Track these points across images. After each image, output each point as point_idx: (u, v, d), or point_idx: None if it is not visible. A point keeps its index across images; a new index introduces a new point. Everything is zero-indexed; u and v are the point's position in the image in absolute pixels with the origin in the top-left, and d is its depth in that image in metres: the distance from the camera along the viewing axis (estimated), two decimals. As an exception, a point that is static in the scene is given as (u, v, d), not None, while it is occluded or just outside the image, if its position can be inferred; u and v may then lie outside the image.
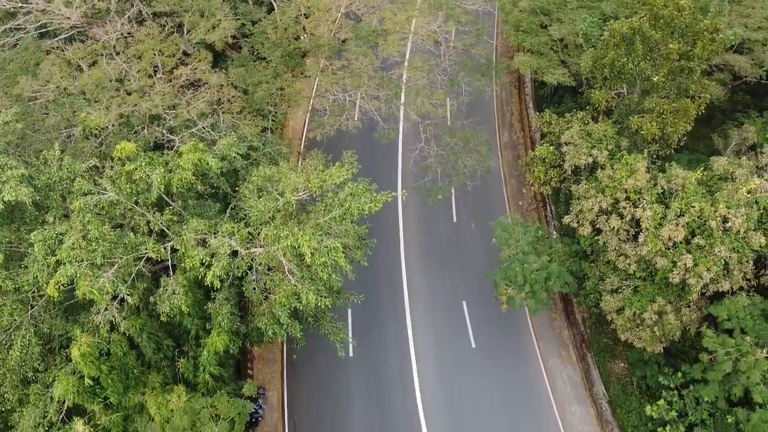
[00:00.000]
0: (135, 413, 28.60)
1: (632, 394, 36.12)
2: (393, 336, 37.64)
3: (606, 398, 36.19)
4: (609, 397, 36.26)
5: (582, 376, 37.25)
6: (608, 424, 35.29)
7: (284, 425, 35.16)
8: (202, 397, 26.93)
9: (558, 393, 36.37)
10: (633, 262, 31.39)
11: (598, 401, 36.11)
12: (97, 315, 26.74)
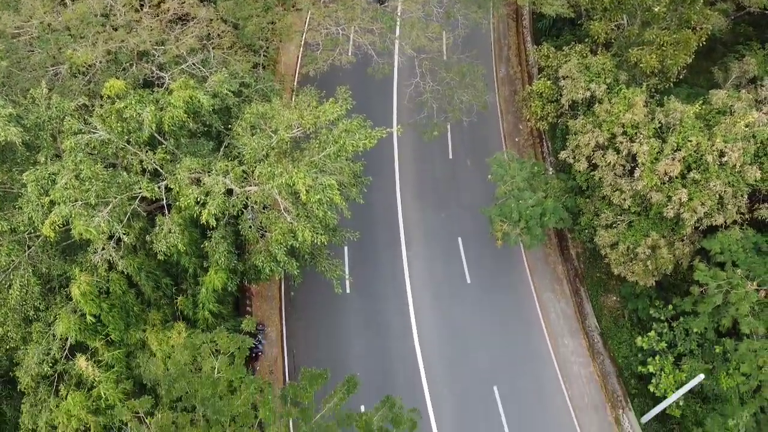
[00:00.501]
0: (137, 349, 29.17)
1: (623, 326, 36.95)
2: (389, 272, 38.08)
3: (598, 330, 37.04)
4: (601, 329, 37.10)
5: (575, 310, 37.99)
6: (599, 356, 36.26)
7: (284, 359, 36.01)
8: (201, 333, 27.40)
9: (551, 326, 37.17)
10: (628, 197, 31.45)
11: (590, 333, 36.97)
12: (95, 254, 26.84)
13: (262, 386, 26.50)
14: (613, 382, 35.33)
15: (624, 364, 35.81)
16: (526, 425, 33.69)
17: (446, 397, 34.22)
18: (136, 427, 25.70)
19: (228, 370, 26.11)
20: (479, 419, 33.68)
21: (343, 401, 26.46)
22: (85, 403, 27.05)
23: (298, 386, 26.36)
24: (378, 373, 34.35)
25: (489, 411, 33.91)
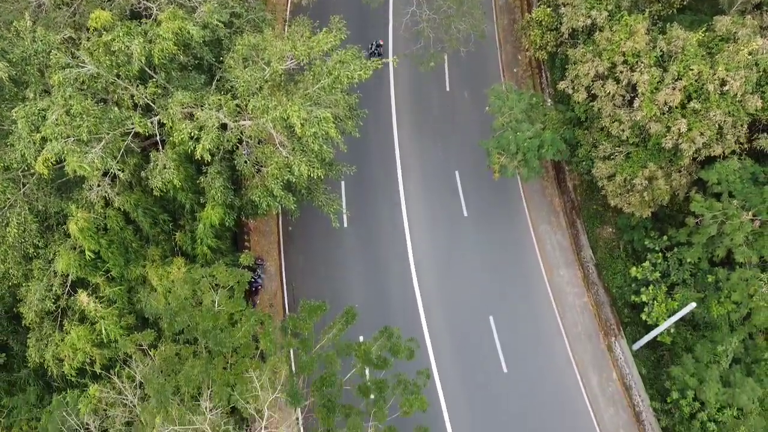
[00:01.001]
0: (138, 285, 29.54)
1: (618, 257, 37.40)
2: (386, 206, 38.15)
3: (593, 261, 37.50)
4: (596, 260, 37.56)
5: (571, 242, 38.33)
6: (594, 286, 36.87)
7: (283, 293, 36.57)
8: (201, 268, 27.68)
9: (547, 257, 37.60)
10: (627, 127, 31.15)
11: (585, 264, 37.45)
12: (90, 191, 26.75)
13: (262, 318, 27.02)
14: (606, 312, 36.09)
15: (618, 294, 36.47)
16: (521, 353, 34.62)
17: (443, 327, 34.99)
18: (140, 359, 26.35)
19: (228, 303, 26.53)
20: (475, 348, 34.57)
21: (342, 332, 27.04)
22: (89, 336, 27.62)
23: (297, 318, 26.87)
24: (376, 305, 34.97)
25: (484, 340, 34.77)
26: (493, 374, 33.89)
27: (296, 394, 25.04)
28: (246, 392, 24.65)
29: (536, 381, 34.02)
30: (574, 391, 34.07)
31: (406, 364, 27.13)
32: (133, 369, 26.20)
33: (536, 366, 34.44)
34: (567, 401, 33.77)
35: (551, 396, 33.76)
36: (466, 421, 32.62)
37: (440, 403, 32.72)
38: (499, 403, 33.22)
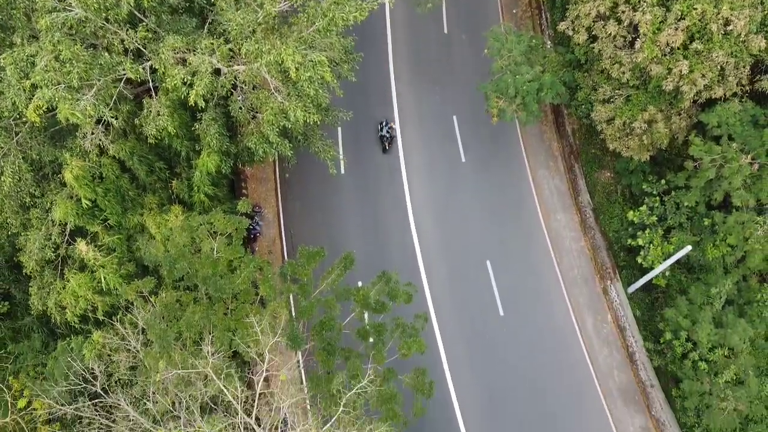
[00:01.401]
0: (136, 233, 29.62)
1: (616, 201, 37.46)
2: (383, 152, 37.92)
3: (591, 206, 37.58)
4: (593, 204, 37.63)
5: (568, 186, 38.31)
6: (591, 230, 37.07)
7: (282, 239, 36.75)
8: (198, 216, 27.69)
9: (544, 202, 37.66)
10: (627, 70, 30.63)
11: (583, 209, 37.55)
12: (84, 139, 26.47)
13: (261, 265, 27.21)
14: (602, 255, 36.41)
15: (614, 237, 36.70)
16: (517, 297, 35.11)
17: (440, 272, 35.35)
18: (141, 306, 26.67)
19: (226, 250, 26.66)
20: (472, 292, 35.02)
21: (341, 277, 27.29)
22: (89, 284, 27.88)
23: (296, 264, 27.06)
24: (374, 251, 35.22)
25: (481, 284, 35.18)
26: (490, 317, 34.45)
27: (296, 338, 25.48)
28: (247, 337, 25.07)
29: (532, 324, 34.62)
30: (569, 333, 34.73)
31: (405, 308, 27.52)
32: (134, 315, 26.55)
33: (532, 309, 34.98)
34: (562, 343, 34.47)
35: (547, 338, 34.42)
36: (463, 362, 33.36)
37: (438, 345, 33.38)
38: (495, 344, 33.90)
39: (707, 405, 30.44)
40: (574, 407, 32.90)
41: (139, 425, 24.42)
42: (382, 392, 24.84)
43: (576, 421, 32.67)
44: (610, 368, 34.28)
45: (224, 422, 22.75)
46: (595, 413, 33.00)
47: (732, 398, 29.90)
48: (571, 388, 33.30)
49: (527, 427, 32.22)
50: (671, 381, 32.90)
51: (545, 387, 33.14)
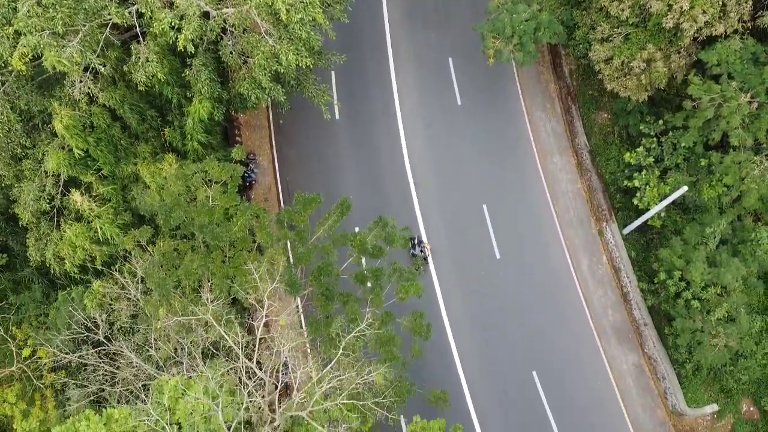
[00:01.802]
0: (130, 183, 29.44)
1: (613, 143, 37.23)
2: (378, 96, 37.36)
3: (587, 148, 37.36)
4: (590, 146, 37.41)
5: (565, 128, 37.99)
6: (587, 172, 36.98)
7: (277, 187, 36.62)
8: (192, 164, 27.47)
9: (541, 144, 37.41)
10: (627, 7, 29.88)
11: (580, 151, 37.35)
12: (72, 88, 25.95)
13: (257, 212, 27.20)
14: (599, 197, 36.45)
15: (611, 179, 36.66)
16: (514, 240, 35.31)
17: (437, 216, 35.43)
18: (139, 255, 26.77)
19: (222, 198, 26.57)
20: (469, 236, 35.18)
21: (338, 223, 27.35)
22: (86, 234, 27.88)
23: (292, 210, 27.05)
24: (370, 196, 35.19)
25: (478, 226, 35.32)
26: (486, 260, 34.75)
27: (295, 284, 25.72)
28: (245, 283, 25.29)
29: (528, 266, 34.96)
30: (564, 275, 35.13)
31: (402, 252, 27.68)
32: (133, 265, 26.68)
33: (528, 252, 35.25)
34: (557, 284, 34.91)
35: (542, 280, 34.83)
36: (460, 305, 33.85)
37: (435, 288, 33.77)
38: (492, 287, 34.31)
39: (698, 342, 31.11)
40: (570, 346, 33.57)
41: (143, 371, 24.91)
42: (381, 335, 25.27)
43: (571, 359, 33.41)
44: (605, 308, 34.85)
45: (226, 367, 23.21)
46: (589, 351, 33.73)
47: (723, 335, 30.53)
48: (565, 328, 33.93)
49: (523, 366, 32.97)
50: (664, 320, 33.52)
51: (541, 327, 33.74)
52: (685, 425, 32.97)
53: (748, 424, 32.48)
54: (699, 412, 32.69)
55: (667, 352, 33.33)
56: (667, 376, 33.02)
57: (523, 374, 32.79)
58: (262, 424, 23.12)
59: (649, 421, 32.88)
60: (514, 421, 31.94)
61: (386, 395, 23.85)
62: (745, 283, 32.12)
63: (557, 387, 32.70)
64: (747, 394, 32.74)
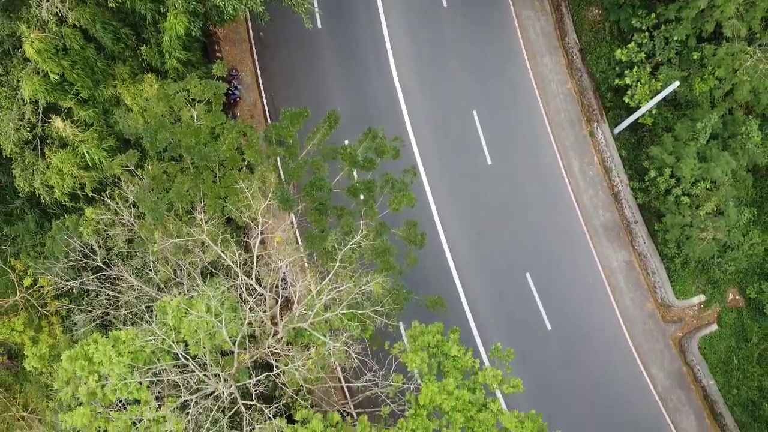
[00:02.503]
0: (112, 106, 28.70)
1: (604, 40, 36.29)
2: (361, 1, 35.87)
3: (577, 46, 36.45)
4: (580, 45, 36.48)
5: (555, 27, 36.88)
6: (578, 72, 36.28)
7: (263, 102, 35.86)
8: (173, 83, 26.68)
9: (530, 45, 36.45)
10: None
11: (570, 50, 36.46)
12: (39, 8, 24.71)
13: (244, 129, 26.74)
14: (589, 97, 35.97)
15: (601, 78, 36.03)
16: (505, 145, 35.12)
17: (426, 124, 35.02)
18: (129, 180, 26.53)
19: (207, 117, 26.04)
20: (459, 143, 34.94)
21: (327, 136, 26.99)
22: (73, 160, 27.49)
23: (280, 126, 26.59)
24: (358, 107, 34.59)
25: (468, 134, 35.02)
26: (478, 167, 34.72)
27: (287, 200, 25.69)
28: (238, 202, 25.26)
29: (519, 170, 34.99)
30: (556, 177, 35.26)
31: (393, 163, 27.54)
32: (124, 190, 26.50)
33: (520, 156, 35.18)
34: (549, 187, 35.10)
35: (534, 183, 34.97)
36: (453, 213, 34.15)
37: (428, 198, 33.94)
38: (484, 193, 34.49)
39: (687, 236, 31.75)
40: (562, 246, 34.21)
41: (145, 293, 25.33)
42: (376, 246, 25.57)
43: (563, 258, 34.15)
44: (596, 207, 35.26)
45: (226, 285, 23.60)
46: (580, 250, 34.44)
47: (711, 228, 31.13)
48: (557, 229, 34.45)
49: (517, 268, 33.74)
50: (654, 217, 34.03)
51: (534, 229, 34.24)
52: (673, 316, 34.27)
53: (733, 312, 33.79)
54: (687, 303, 33.89)
55: (657, 248, 34.09)
56: (656, 270, 33.94)
57: (516, 276, 33.63)
58: (266, 337, 23.82)
59: (638, 314, 34.13)
60: (508, 321, 33.07)
61: (384, 304, 24.46)
62: (734, 176, 32.38)
63: (550, 286, 33.63)
64: (733, 284, 33.83)
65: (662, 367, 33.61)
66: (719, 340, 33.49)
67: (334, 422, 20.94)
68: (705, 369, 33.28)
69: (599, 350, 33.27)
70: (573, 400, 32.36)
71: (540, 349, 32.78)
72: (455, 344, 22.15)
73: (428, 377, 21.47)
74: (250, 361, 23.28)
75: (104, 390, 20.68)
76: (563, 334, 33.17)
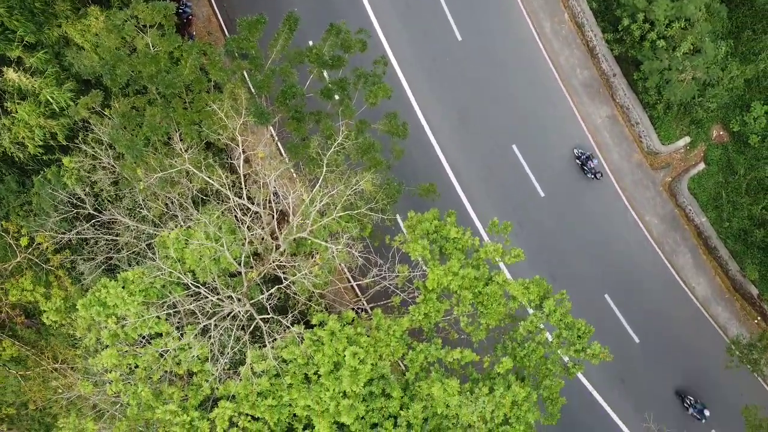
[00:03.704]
0: (62, 48, 27.40)
1: None
2: None
3: None
4: None
5: None
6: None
7: (217, 16, 34.28)
8: (119, 11, 25.32)
9: None
10: None
11: None
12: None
13: (203, 48, 25.74)
14: (552, -49, 34.37)
15: (562, -72, 34.23)
16: (472, 17, 33.96)
17: (391, 10, 33.70)
18: (99, 122, 25.85)
19: (162, 42, 24.97)
20: (426, 20, 33.77)
21: (289, 40, 26.03)
22: (38, 110, 26.62)
23: (239, 38, 25.57)
24: (316, 4, 33.07)
25: (433, 10, 33.76)
26: (449, 44, 33.78)
27: (262, 113, 25.21)
28: (213, 125, 24.81)
29: (491, 41, 34.08)
30: (529, 43, 34.41)
31: (362, 56, 26.77)
32: (96, 133, 25.89)
33: (489, 26, 34.13)
34: (524, 54, 34.34)
35: (507, 51, 34.19)
36: (431, 97, 33.64)
37: (403, 86, 33.29)
38: (460, 71, 33.79)
39: (667, 80, 31.51)
40: (544, 110, 33.91)
41: (142, 231, 25.46)
42: (360, 144, 25.41)
43: (546, 124, 34.03)
44: (573, 67, 34.70)
45: (219, 209, 23.68)
46: (563, 111, 34.26)
47: (690, 68, 30.83)
48: (537, 95, 34.07)
49: (501, 139, 33.73)
50: (632, 66, 33.54)
51: (515, 100, 33.90)
52: (660, 162, 34.74)
53: (718, 148, 34.19)
54: (672, 147, 34.24)
55: (638, 98, 33.93)
56: (639, 120, 33.99)
57: (503, 149, 33.70)
58: (269, 252, 24.24)
59: (627, 166, 34.58)
60: (501, 194, 33.55)
61: (378, 199, 24.67)
62: (708, 10, 31.62)
63: (536, 154, 33.80)
64: (716, 120, 33.98)
65: (655, 213, 34.54)
66: (707, 178, 34.18)
67: (349, 319, 21.78)
68: (696, 207, 34.21)
69: (593, 207, 34.02)
70: (572, 258, 33.52)
71: (536, 216, 33.51)
72: (453, 227, 22.60)
73: (432, 262, 22.08)
74: (258, 278, 23.85)
75: (125, 329, 21.32)
76: (556, 199, 33.76)
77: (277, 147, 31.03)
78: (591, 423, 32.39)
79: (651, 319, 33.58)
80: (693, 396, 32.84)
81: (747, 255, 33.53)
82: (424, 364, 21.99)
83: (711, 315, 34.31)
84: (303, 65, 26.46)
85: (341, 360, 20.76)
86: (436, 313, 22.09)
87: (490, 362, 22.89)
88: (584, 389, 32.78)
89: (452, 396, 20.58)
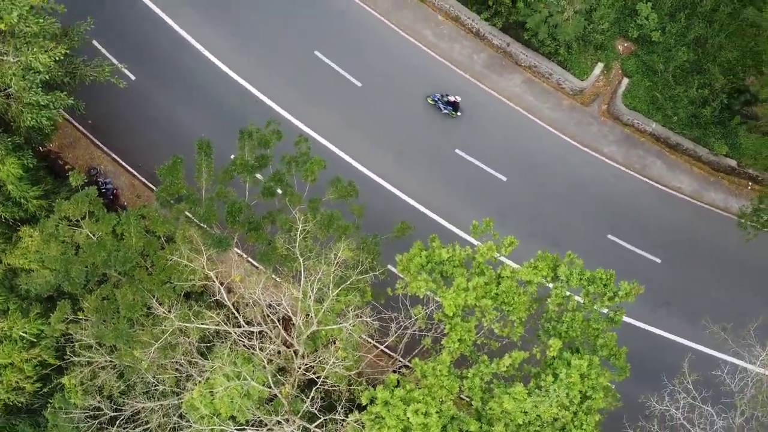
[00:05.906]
0: (12, 279, 27.29)
1: None
2: (151, 29, 34.32)
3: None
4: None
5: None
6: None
7: (138, 178, 34.66)
8: (47, 220, 25.38)
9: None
10: None
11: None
12: None
13: (141, 213, 25.96)
14: (398, -29, 35.78)
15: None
16: (348, 59, 34.99)
17: (284, 91, 34.61)
18: (79, 328, 25.51)
19: (99, 226, 25.10)
20: (318, 83, 34.72)
21: (211, 165, 26.42)
22: (16, 348, 26.08)
23: (166, 186, 25.86)
24: (217, 120, 33.75)
25: (322, 71, 34.70)
26: (352, 92, 34.55)
27: (220, 241, 25.31)
28: (182, 274, 24.75)
29: (383, 74, 35.04)
30: (419, 56, 35.48)
31: (283, 144, 27.19)
32: (81, 339, 25.56)
33: (376, 63, 35.18)
34: (418, 68, 35.28)
35: (405, 74, 35.14)
36: (361, 145, 34.22)
37: (329, 148, 33.86)
38: (370, 111, 34.52)
39: (555, 25, 32.62)
40: (463, 102, 34.51)
41: (167, 407, 24.91)
42: (320, 221, 25.58)
43: (474, 114, 34.73)
44: (469, 56, 35.73)
45: (226, 346, 23.40)
46: (482, 99, 35.09)
47: (568, 5, 32.01)
48: (448, 90, 34.67)
49: (444, 147, 34.28)
50: (520, 30, 34.61)
51: (429, 111, 34.58)
52: (589, 96, 35.58)
53: (630, 58, 35.16)
54: (592, 78, 35.17)
55: (539, 52, 34.95)
56: (551, 70, 34.95)
57: (447, 155, 34.25)
58: (291, 361, 23.92)
59: (561, 116, 35.31)
60: (464, 195, 33.94)
61: (362, 261, 24.69)
62: None
63: (478, 145, 34.39)
64: (615, 36, 35.09)
65: (610, 141, 35.16)
66: (637, 88, 35.02)
67: (395, 382, 21.44)
68: (641, 118, 34.95)
69: (556, 169, 34.49)
70: (562, 217, 33.80)
71: (508, 198, 33.88)
72: (440, 249, 22.63)
73: (440, 290, 22.01)
74: (294, 390, 23.44)
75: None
76: (520, 178, 34.24)
77: (249, 263, 31.00)
78: (660, 357, 32.01)
79: (660, 236, 33.79)
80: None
81: (708, 135, 34.17)
82: (483, 385, 21.65)
83: (709, 203, 34.63)
84: (235, 179, 26.79)
85: (408, 423, 20.33)
86: (469, 334, 21.89)
87: (541, 351, 22.64)
88: (639, 330, 32.62)
89: (523, 401, 20.23)
